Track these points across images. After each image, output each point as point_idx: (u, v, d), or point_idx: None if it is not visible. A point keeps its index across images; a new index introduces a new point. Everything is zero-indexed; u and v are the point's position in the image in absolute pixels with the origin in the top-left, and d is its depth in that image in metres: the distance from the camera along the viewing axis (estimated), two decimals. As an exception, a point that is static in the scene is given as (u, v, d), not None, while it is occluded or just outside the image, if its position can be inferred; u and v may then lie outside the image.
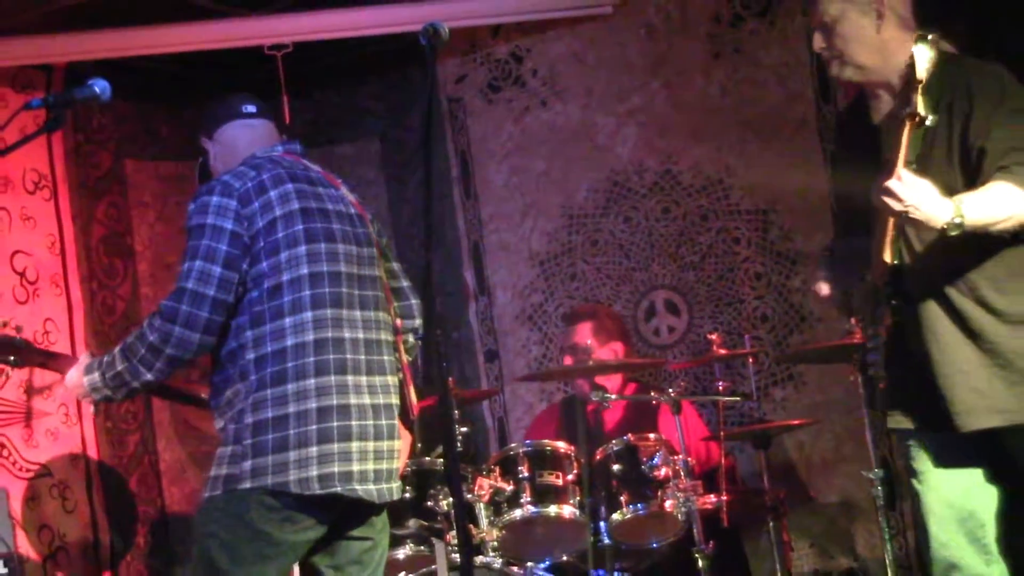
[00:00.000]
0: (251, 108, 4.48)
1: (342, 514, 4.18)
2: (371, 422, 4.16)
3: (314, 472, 4.02)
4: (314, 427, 4.04)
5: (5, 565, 5.91)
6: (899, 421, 4.24)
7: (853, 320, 4.45)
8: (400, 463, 4.32)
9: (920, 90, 3.70)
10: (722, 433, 6.10)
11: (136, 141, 7.59)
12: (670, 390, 5.91)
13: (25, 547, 6.56)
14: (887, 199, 3.81)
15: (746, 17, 7.04)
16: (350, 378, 4.14)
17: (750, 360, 6.53)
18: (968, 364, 4.04)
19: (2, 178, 6.86)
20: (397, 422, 4.29)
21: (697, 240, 7.19)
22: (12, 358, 4.60)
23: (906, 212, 3.82)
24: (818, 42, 4.24)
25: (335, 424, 4.07)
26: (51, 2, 6.59)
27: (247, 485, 4.01)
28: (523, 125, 7.64)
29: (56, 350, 6.74)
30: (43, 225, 7.05)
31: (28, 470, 6.75)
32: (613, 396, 6.26)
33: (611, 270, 7.41)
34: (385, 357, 4.29)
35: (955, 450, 4.18)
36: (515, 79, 7.66)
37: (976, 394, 4.03)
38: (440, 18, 3.73)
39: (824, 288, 4.37)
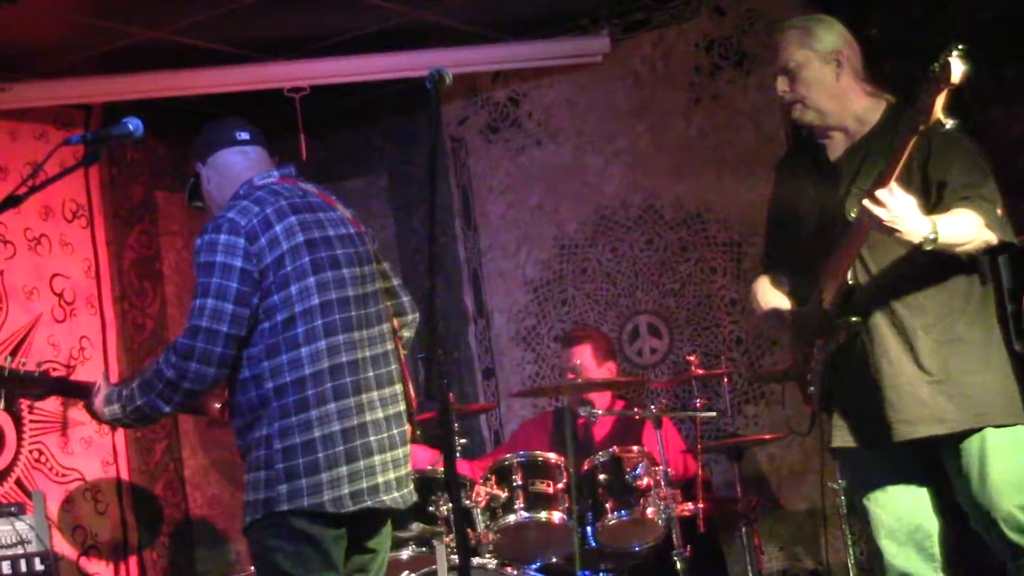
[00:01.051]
0: (245, 135, 4.32)
1: (361, 525, 4.13)
2: (386, 434, 4.09)
3: (346, 490, 3.96)
4: (341, 448, 3.97)
5: (42, 562, 5.88)
6: (845, 440, 4.24)
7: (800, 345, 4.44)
8: (410, 465, 4.28)
9: (947, 96, 3.62)
10: (699, 446, 6.10)
11: (166, 175, 7.61)
12: (652, 406, 5.93)
13: (60, 546, 6.57)
14: (875, 208, 3.80)
15: (724, 67, 7.06)
16: (364, 396, 4.05)
17: (725, 379, 6.55)
18: (913, 378, 4.07)
19: (44, 207, 6.88)
20: (407, 428, 4.23)
21: (677, 269, 7.19)
22: (35, 392, 4.45)
23: (891, 223, 3.81)
24: (781, 85, 4.27)
25: (358, 443, 3.99)
26: (90, 47, 6.61)
27: (284, 507, 3.93)
28: (519, 163, 7.65)
29: (83, 371, 6.78)
30: (80, 250, 7.07)
31: (64, 475, 6.76)
32: (600, 411, 6.26)
33: (599, 296, 7.41)
34: (392, 367, 4.20)
35: (899, 468, 4.22)
36: (512, 121, 7.68)
37: (920, 405, 4.05)
38: (445, 65, 3.74)
39: (769, 298, 4.39)
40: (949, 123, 3.66)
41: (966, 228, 3.93)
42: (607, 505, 5.70)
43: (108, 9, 6.26)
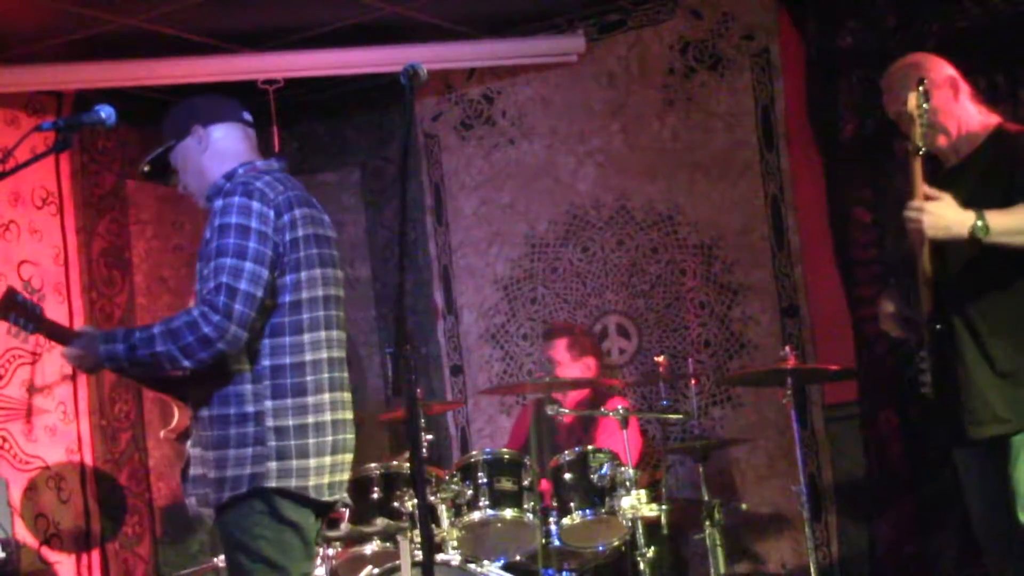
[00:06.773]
0: (249, 117, 4.27)
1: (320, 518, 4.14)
2: (351, 435, 4.12)
3: (326, 480, 3.98)
4: (329, 438, 3.98)
5: (3, 549, 5.86)
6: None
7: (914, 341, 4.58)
8: None
9: (918, 124, 4.11)
10: (665, 447, 6.11)
11: (137, 163, 7.55)
12: (619, 407, 5.94)
13: (22, 533, 6.53)
14: (914, 219, 4.11)
15: (698, 69, 7.07)
16: (343, 394, 4.08)
17: (692, 381, 6.55)
18: (984, 380, 4.25)
19: (13, 194, 6.85)
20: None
21: (647, 270, 7.20)
22: (28, 323, 4.07)
23: (933, 226, 4.09)
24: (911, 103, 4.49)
25: (341, 437, 4.03)
26: (63, 35, 6.58)
27: (272, 484, 3.90)
28: (492, 160, 7.65)
29: (49, 358, 6.75)
30: (49, 238, 7.04)
31: (27, 463, 6.72)
32: (566, 410, 6.29)
33: (568, 295, 7.42)
34: (347, 374, 4.19)
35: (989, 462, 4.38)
36: (486, 119, 7.67)
37: (985, 407, 4.24)
38: (420, 60, 3.71)
39: (888, 305, 4.55)
40: (923, 150, 4.13)
41: (1021, 219, 4.13)
42: (572, 504, 5.71)
43: (82, -5, 6.24)
